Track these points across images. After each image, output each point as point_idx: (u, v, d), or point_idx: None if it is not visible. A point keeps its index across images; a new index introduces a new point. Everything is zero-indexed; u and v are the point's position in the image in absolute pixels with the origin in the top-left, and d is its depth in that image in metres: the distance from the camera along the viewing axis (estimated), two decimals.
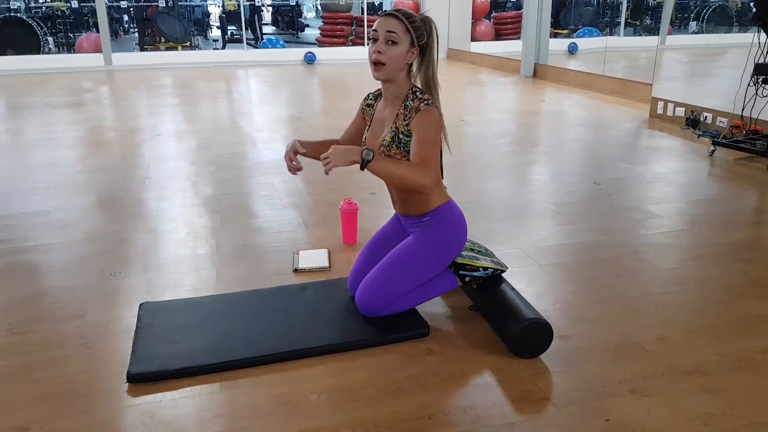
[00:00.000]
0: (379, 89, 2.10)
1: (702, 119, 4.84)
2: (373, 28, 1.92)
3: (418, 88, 1.96)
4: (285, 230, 2.91)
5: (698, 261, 2.55)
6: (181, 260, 2.58)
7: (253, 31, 12.16)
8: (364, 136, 2.13)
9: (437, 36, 1.95)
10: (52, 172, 3.92)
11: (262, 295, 2.22)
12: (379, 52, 1.89)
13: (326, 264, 2.49)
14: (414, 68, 1.97)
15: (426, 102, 1.90)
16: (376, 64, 1.91)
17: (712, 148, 4.16)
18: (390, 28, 1.88)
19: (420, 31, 1.90)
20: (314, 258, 2.54)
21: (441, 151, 2.03)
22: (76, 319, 2.13)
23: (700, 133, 4.68)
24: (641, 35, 11.91)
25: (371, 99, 2.15)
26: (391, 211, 3.17)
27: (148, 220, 3.06)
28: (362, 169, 1.84)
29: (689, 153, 4.28)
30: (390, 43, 1.88)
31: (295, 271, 2.46)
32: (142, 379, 1.77)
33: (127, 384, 1.76)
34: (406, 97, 1.95)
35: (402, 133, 1.94)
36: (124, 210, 3.20)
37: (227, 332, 1.98)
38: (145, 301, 2.21)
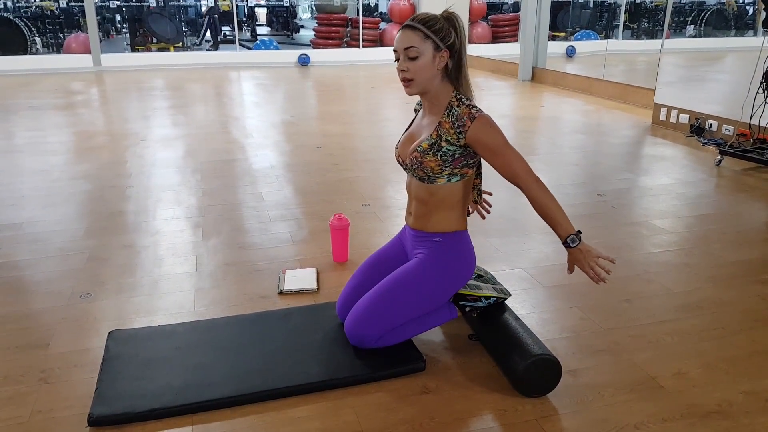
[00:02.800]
0: None
1: (707, 126, 4.69)
2: (393, 47, 1.77)
3: (462, 94, 1.78)
4: (271, 246, 2.73)
5: (713, 283, 2.38)
6: (158, 280, 2.40)
7: (212, 32, 11.83)
8: (398, 141, 1.94)
9: (464, 31, 1.79)
10: (29, 179, 3.73)
11: (242, 323, 2.04)
12: (404, 70, 1.74)
13: (314, 285, 2.31)
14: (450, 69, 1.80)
15: (475, 109, 1.74)
16: (405, 81, 1.76)
17: (719, 157, 4.00)
18: (407, 44, 1.72)
19: (443, 33, 1.73)
20: (301, 278, 2.36)
21: (479, 174, 1.88)
22: (39, 348, 1.94)
23: (705, 141, 4.53)
24: (640, 38, 11.78)
25: (418, 105, 1.99)
26: (386, 226, 3.02)
27: (126, 234, 2.88)
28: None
29: (695, 162, 4.12)
30: (410, 58, 1.73)
31: (281, 293, 2.28)
32: (104, 422, 1.59)
33: (88, 428, 1.58)
34: (449, 105, 1.77)
35: (446, 141, 1.75)
36: (102, 223, 3.02)
37: (202, 367, 1.80)
38: (114, 328, 2.03)
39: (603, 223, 3.00)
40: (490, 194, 2.14)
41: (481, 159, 1.85)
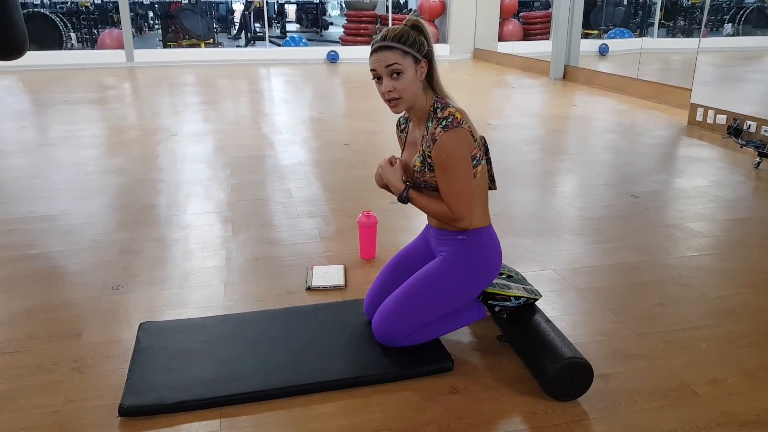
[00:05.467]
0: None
1: (745, 128, 4.56)
2: (371, 67, 1.74)
3: (439, 102, 1.76)
4: (299, 242, 2.74)
5: (751, 288, 2.31)
6: (188, 273, 2.42)
7: (246, 29, 11.96)
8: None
9: (430, 34, 1.77)
10: (64, 172, 3.81)
11: (271, 318, 2.04)
12: (391, 90, 1.72)
13: (342, 282, 2.31)
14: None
15: (444, 124, 1.70)
16: (392, 101, 1.74)
17: (757, 159, 3.88)
18: (388, 62, 1.69)
19: (418, 44, 1.71)
20: (329, 275, 2.36)
21: (488, 160, 1.84)
22: (72, 338, 1.98)
23: (743, 142, 4.40)
24: (676, 37, 11.53)
25: (402, 123, 1.97)
26: (414, 224, 3.01)
27: (157, 227, 2.91)
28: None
29: (732, 164, 4.01)
30: (395, 75, 1.70)
31: (308, 289, 2.28)
32: (135, 413, 1.61)
33: (119, 418, 1.60)
34: (428, 117, 1.77)
35: (429, 156, 1.75)
36: (134, 216, 3.06)
37: (231, 360, 1.80)
38: (145, 320, 2.05)
39: (636, 225, 2.94)
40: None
41: (487, 147, 1.83)
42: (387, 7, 11.07)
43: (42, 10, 10.12)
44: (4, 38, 2.61)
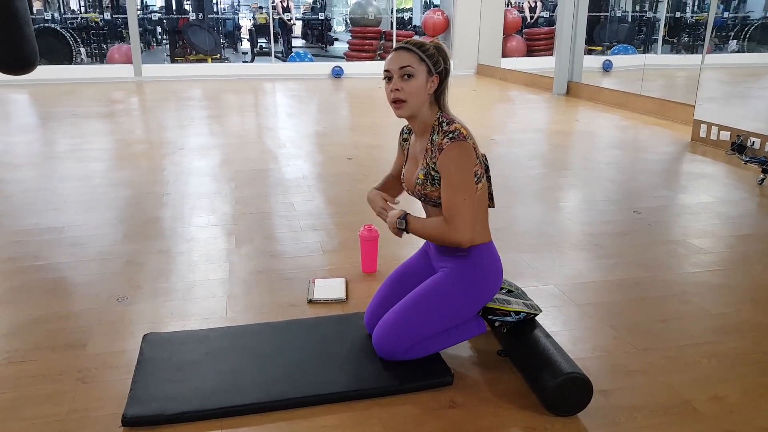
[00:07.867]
0: None
1: (749, 144, 4.57)
2: (385, 68, 1.79)
3: (445, 116, 1.80)
4: (302, 255, 2.76)
5: (753, 305, 2.31)
6: (192, 286, 2.45)
7: (252, 45, 12.16)
8: (402, 173, 1.97)
9: (450, 61, 1.83)
10: (71, 185, 3.85)
11: (272, 330, 2.06)
12: (398, 90, 1.76)
13: (343, 296, 2.33)
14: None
15: (451, 136, 1.73)
16: (396, 102, 1.78)
17: (761, 176, 3.89)
18: (403, 63, 1.75)
19: (435, 59, 1.77)
20: (330, 288, 2.38)
21: (488, 177, 1.86)
22: (77, 348, 2.00)
23: (747, 159, 4.41)
24: (680, 53, 11.58)
25: (406, 133, 2.00)
26: (416, 238, 3.00)
27: (162, 239, 2.94)
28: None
29: (736, 181, 4.02)
30: (406, 77, 1.75)
31: (310, 302, 2.30)
32: (138, 423, 1.62)
33: (122, 428, 1.62)
34: (432, 130, 1.81)
35: (432, 170, 1.78)
36: (139, 228, 3.09)
37: (233, 372, 1.82)
38: (149, 331, 2.07)
39: (638, 241, 2.95)
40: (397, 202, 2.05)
41: (488, 165, 1.85)
42: (391, 23, 11.18)
43: (53, 26, 10.27)
44: (14, 53, 2.67)
